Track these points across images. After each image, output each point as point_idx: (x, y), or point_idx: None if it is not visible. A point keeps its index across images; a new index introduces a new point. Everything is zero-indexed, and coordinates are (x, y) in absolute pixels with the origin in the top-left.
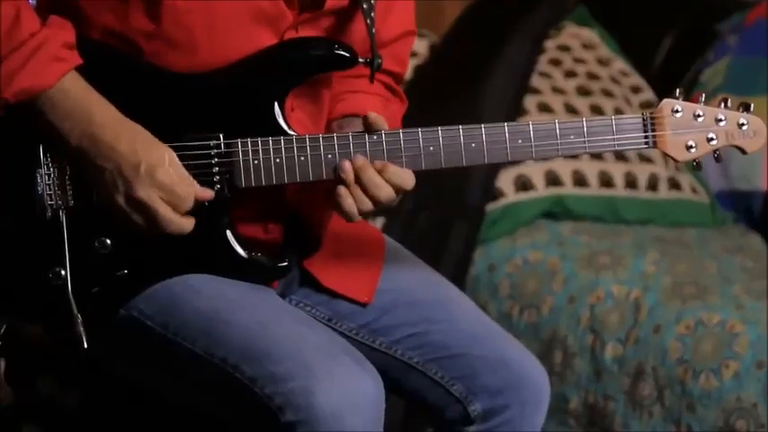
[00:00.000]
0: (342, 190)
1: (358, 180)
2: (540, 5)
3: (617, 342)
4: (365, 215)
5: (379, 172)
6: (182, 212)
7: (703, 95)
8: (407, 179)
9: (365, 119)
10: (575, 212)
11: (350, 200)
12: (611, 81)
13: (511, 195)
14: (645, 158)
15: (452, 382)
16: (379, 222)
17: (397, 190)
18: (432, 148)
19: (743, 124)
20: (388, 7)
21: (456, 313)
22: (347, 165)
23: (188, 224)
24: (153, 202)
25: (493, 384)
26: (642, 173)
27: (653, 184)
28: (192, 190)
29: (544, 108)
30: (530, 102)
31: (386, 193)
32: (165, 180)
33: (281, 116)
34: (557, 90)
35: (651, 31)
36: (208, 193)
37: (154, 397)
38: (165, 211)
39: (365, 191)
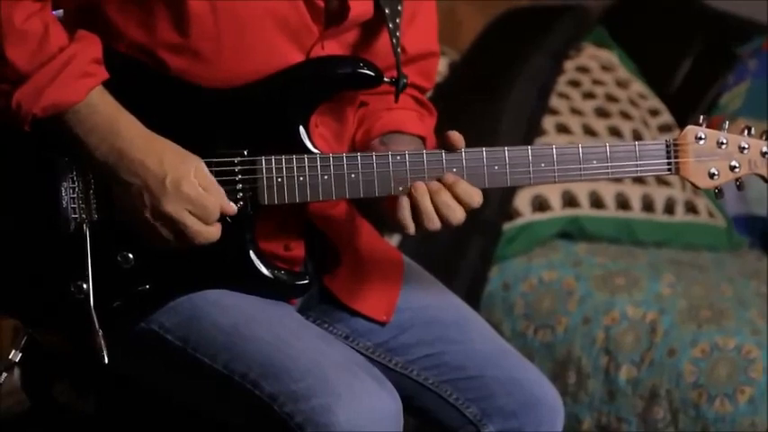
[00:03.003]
0: (403, 201)
1: (433, 200)
2: (560, 23)
3: (631, 364)
4: (425, 232)
5: (449, 187)
6: (209, 223)
7: (726, 121)
8: (475, 196)
9: (447, 137)
10: (591, 233)
11: (407, 212)
12: (629, 103)
13: (527, 215)
14: (662, 182)
15: (467, 404)
16: (395, 237)
17: (466, 208)
18: (455, 170)
19: (766, 153)
20: (414, 15)
21: (472, 334)
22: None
23: (216, 232)
24: (180, 216)
25: (507, 406)
26: (659, 196)
27: (670, 207)
28: (219, 200)
29: (562, 129)
30: (548, 122)
31: (458, 215)
32: (192, 193)
33: (305, 134)
34: (575, 111)
35: (670, 53)
36: (231, 208)
37: (169, 406)
38: (192, 223)
39: (437, 210)
